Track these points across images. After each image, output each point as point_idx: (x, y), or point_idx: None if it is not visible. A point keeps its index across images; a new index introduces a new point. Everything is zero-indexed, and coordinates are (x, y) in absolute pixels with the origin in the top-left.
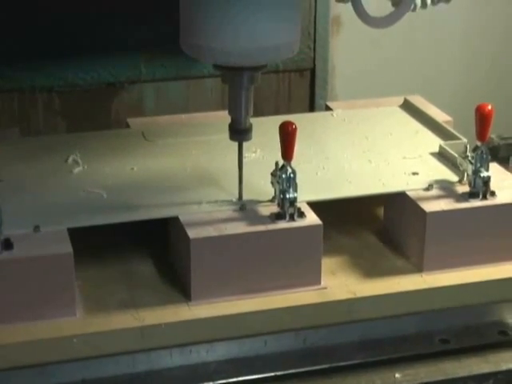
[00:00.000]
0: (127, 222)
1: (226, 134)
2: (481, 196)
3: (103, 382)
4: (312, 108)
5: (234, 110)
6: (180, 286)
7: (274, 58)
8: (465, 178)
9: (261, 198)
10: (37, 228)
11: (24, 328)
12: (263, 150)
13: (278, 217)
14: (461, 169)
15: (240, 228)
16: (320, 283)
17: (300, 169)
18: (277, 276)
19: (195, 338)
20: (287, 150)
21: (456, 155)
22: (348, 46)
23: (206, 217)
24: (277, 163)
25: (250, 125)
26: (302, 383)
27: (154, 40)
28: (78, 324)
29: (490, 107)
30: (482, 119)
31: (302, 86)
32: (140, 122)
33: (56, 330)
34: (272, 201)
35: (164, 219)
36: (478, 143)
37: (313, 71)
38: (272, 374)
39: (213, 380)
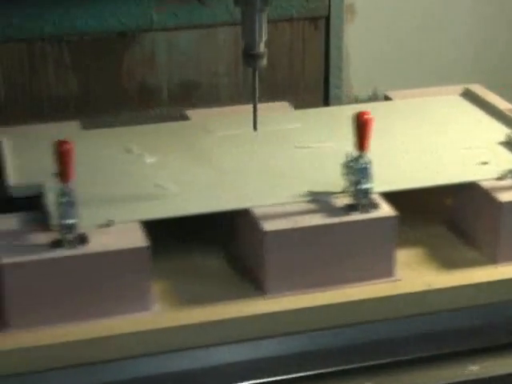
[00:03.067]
0: (199, 214)
1: (289, 125)
2: None
3: (175, 376)
4: (327, 69)
5: (248, 34)
6: (252, 280)
7: None
8: None
9: (331, 190)
10: (110, 222)
11: (99, 324)
12: (328, 141)
13: (352, 208)
14: None
15: (314, 220)
16: (394, 275)
17: None
18: (351, 268)
19: (271, 332)
20: (363, 141)
21: None
22: (362, 34)
23: (278, 209)
24: (349, 154)
25: (264, 50)
26: (370, 377)
27: None
28: (153, 319)
29: None
30: None
31: (316, 39)
32: (199, 114)
33: (132, 325)
34: (343, 192)
35: (230, 212)
36: None
37: (328, 20)
38: (347, 366)
39: (289, 373)
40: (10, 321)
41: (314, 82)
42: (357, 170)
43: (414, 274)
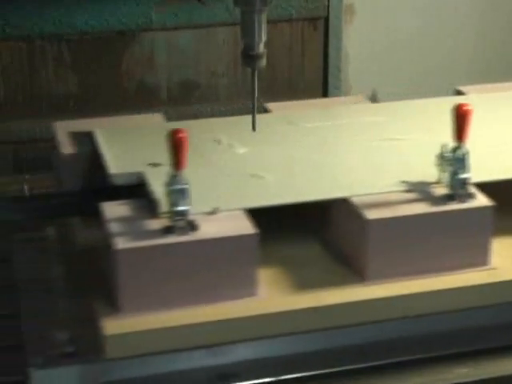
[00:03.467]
0: (301, 203)
1: (370, 118)
2: None
3: (273, 361)
4: (326, 69)
5: (247, 35)
6: (350, 267)
7: None
8: None
9: (425, 180)
10: (216, 209)
11: (208, 309)
12: (411, 133)
13: (449, 198)
14: None
15: (413, 209)
16: (490, 264)
17: None
18: (448, 256)
19: (371, 318)
20: (462, 131)
21: None
22: (362, 35)
23: (376, 198)
24: (444, 145)
25: (264, 51)
26: (464, 363)
27: None
28: (261, 304)
29: None
30: None
31: (315, 39)
32: (279, 106)
33: (241, 309)
34: (437, 182)
35: (325, 201)
36: None
37: (326, 21)
38: (443, 353)
39: (388, 358)
40: (123, 305)
41: (312, 82)
42: (454, 160)
43: (508, 263)
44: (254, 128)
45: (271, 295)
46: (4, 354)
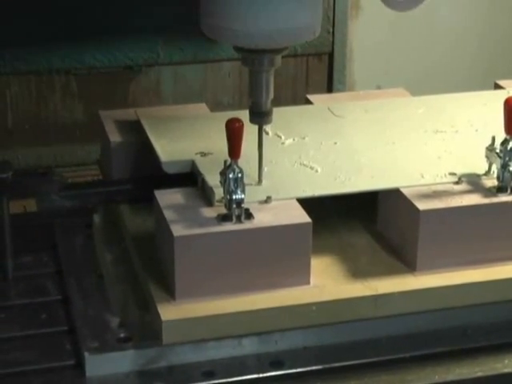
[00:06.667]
0: (352, 193)
1: (412, 110)
2: None
3: (324, 349)
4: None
5: (255, 93)
6: (399, 256)
7: (295, 41)
8: None
9: (473, 172)
10: (269, 198)
11: (261, 296)
12: (457, 125)
13: (499, 190)
14: None
15: (465, 200)
16: None
17: None
18: (498, 247)
19: (421, 307)
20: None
21: None
22: (367, 30)
23: (426, 190)
24: (493, 138)
25: (271, 108)
26: None
27: (171, 23)
28: (314, 292)
29: None
30: None
31: (319, 71)
32: (319, 99)
33: (293, 298)
34: (485, 174)
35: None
36: None
37: (331, 56)
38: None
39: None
40: (179, 291)
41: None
42: (505, 152)
43: None
44: (260, 181)
45: (324, 284)
46: (56, 339)
